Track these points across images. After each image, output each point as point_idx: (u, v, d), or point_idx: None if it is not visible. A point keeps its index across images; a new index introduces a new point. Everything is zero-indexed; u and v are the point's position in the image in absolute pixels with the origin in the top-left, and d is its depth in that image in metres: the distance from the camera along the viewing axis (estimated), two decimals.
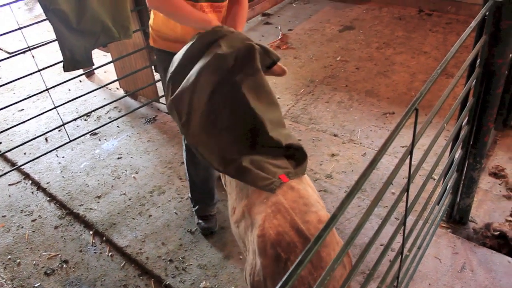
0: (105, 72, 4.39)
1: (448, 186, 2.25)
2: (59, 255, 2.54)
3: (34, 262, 2.52)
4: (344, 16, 5.23)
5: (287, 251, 1.39)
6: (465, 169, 2.25)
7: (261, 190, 1.57)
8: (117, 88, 4.10)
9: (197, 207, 2.54)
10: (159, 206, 2.77)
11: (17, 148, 3.22)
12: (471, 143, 2.14)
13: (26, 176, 3.18)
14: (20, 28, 2.72)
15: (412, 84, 3.80)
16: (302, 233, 1.41)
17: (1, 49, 5.08)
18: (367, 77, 3.98)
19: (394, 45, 4.46)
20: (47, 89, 3.00)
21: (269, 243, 1.41)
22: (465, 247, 2.25)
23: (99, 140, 3.47)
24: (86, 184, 3.03)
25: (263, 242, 1.43)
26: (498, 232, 2.28)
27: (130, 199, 2.85)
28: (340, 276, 1.44)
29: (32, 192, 3.03)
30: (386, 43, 4.50)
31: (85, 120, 3.72)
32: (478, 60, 1.92)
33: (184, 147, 2.40)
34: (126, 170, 3.11)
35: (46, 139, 3.53)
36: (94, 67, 3.35)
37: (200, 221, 2.55)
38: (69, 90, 4.15)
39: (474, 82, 1.95)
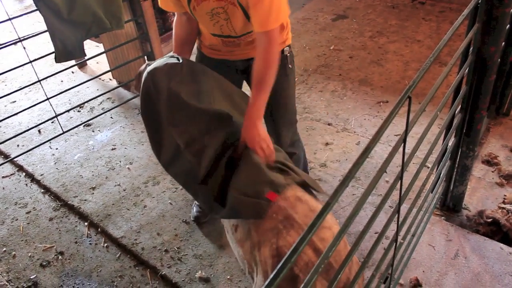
0: (97, 63, 4.36)
1: (441, 174, 2.27)
2: (55, 247, 2.54)
3: (30, 254, 2.52)
4: (337, 5, 5.21)
5: (306, 272, 1.28)
6: (458, 157, 2.26)
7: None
8: (110, 79, 4.08)
9: None
10: (153, 197, 2.77)
11: (10, 140, 3.19)
12: (464, 131, 2.14)
13: (20, 168, 3.17)
14: (10, 19, 2.69)
15: (405, 73, 3.80)
16: (320, 252, 1.31)
17: None
18: (361, 66, 3.98)
19: (387, 33, 4.45)
20: (39, 81, 2.98)
21: None
22: (459, 234, 2.27)
23: (93, 131, 3.46)
24: (80, 175, 3.02)
25: (278, 262, 1.32)
26: (491, 219, 2.31)
27: (124, 190, 2.85)
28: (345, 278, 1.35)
29: (26, 184, 3.02)
30: (379, 32, 4.50)
31: (78, 111, 3.70)
32: (471, 48, 1.92)
33: None
34: (120, 161, 3.11)
35: (39, 131, 3.51)
36: (86, 58, 3.33)
37: (195, 206, 2.56)
38: (62, 81, 4.12)
39: (467, 70, 1.95)
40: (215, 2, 1.76)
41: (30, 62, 2.89)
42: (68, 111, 3.43)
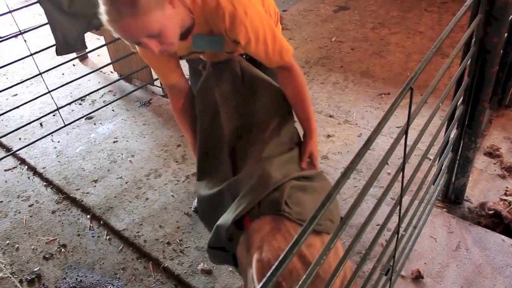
0: (98, 55, 4.35)
1: (443, 166, 2.26)
2: (57, 240, 2.55)
3: (33, 247, 2.53)
4: None
5: (289, 280, 1.22)
6: (460, 149, 2.26)
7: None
8: (111, 72, 4.07)
9: None
10: (155, 189, 2.77)
11: (12, 134, 3.20)
12: (466, 122, 2.14)
13: (22, 161, 3.17)
14: (10, 12, 2.68)
15: (407, 64, 3.79)
16: (306, 259, 1.25)
17: None
18: (362, 57, 3.96)
19: (389, 25, 4.43)
20: (40, 74, 2.98)
21: (268, 269, 1.19)
22: (460, 226, 2.27)
23: (94, 124, 3.46)
24: (82, 168, 3.02)
25: (261, 267, 1.26)
26: (492, 211, 2.30)
27: (126, 183, 2.85)
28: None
29: (29, 177, 3.03)
30: (381, 23, 4.47)
31: (80, 104, 3.70)
32: (473, 39, 1.91)
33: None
34: (122, 154, 3.11)
35: (41, 124, 3.51)
36: (87, 50, 3.33)
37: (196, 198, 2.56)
38: (63, 74, 4.11)
39: (469, 62, 1.94)
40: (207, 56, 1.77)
41: (31, 55, 2.88)
42: (69, 104, 3.43)
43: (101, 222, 2.62)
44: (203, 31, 1.56)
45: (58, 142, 3.31)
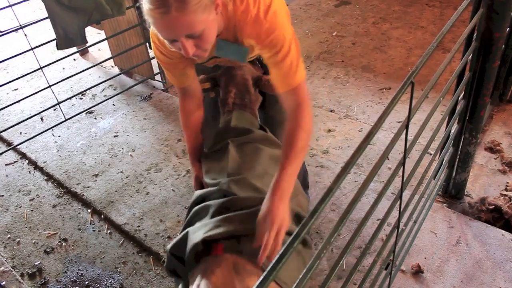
0: (99, 50, 4.34)
1: (444, 161, 2.26)
2: (58, 234, 2.56)
3: (34, 241, 2.53)
4: None
5: None
6: (461, 144, 2.26)
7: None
8: (112, 66, 4.07)
9: None
10: (156, 184, 2.78)
11: (12, 128, 3.21)
12: (467, 117, 2.14)
13: (23, 155, 3.18)
14: (11, 6, 2.68)
15: (408, 59, 3.78)
16: None
17: None
18: (363, 52, 3.95)
19: (390, 19, 4.41)
20: (40, 68, 2.97)
21: None
22: (461, 221, 2.28)
23: (95, 118, 3.46)
24: (83, 162, 3.03)
25: None
26: (493, 206, 2.31)
27: (127, 177, 2.86)
28: None
29: (29, 172, 3.03)
30: (382, 18, 4.46)
31: (80, 98, 3.70)
32: (475, 34, 1.90)
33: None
34: (122, 148, 3.11)
35: (41, 118, 3.51)
36: (88, 45, 3.32)
37: None
38: (63, 68, 4.11)
39: (470, 56, 1.94)
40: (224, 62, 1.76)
41: (32, 49, 2.88)
42: (70, 98, 3.43)
43: (102, 216, 2.63)
44: (229, 38, 1.54)
45: (59, 136, 3.31)
